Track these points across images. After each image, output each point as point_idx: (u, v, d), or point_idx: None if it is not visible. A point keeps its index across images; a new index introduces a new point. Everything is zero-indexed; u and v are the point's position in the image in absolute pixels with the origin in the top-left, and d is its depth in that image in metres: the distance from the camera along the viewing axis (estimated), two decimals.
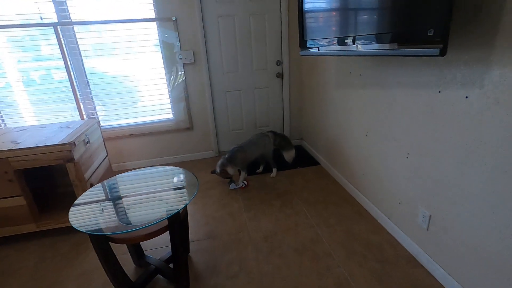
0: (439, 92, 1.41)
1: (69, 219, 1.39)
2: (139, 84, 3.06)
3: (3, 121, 2.97)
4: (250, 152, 2.69)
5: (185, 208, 1.70)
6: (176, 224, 1.43)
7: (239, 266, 1.75)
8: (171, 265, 1.73)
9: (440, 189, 1.49)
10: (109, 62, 2.92)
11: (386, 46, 1.40)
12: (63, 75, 2.83)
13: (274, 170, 2.87)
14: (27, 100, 2.91)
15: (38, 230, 2.10)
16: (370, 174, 2.14)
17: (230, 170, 2.56)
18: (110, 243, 1.44)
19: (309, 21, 2.08)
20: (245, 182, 2.68)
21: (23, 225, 2.06)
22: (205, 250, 1.90)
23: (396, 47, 1.33)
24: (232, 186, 2.66)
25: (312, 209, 2.28)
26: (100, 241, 1.37)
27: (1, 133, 2.24)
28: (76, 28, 2.74)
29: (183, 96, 3.14)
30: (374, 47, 1.48)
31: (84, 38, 2.78)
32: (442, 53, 1.11)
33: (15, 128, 2.38)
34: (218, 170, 2.58)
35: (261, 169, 2.98)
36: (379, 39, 1.44)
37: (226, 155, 2.63)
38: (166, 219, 1.39)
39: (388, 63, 1.78)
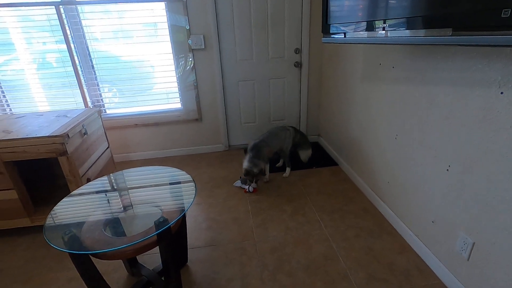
0: (501, 93, 1.10)
1: (44, 231, 1.21)
2: (147, 70, 2.85)
3: (8, 105, 2.87)
4: (272, 145, 2.48)
5: (183, 216, 1.50)
6: (167, 239, 1.23)
7: (241, 283, 1.55)
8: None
9: (490, 214, 1.20)
10: (116, 46, 2.72)
11: (435, 32, 1.10)
12: (67, 59, 2.66)
13: (288, 169, 2.62)
14: (32, 85, 2.78)
15: (33, 225, 1.98)
16: (397, 184, 1.86)
17: (263, 165, 2.34)
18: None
19: (335, 2, 1.77)
20: (252, 188, 2.39)
21: (16, 219, 1.94)
22: (205, 260, 1.71)
23: (450, 34, 1.03)
24: (237, 183, 2.46)
25: (327, 218, 2.03)
26: (80, 257, 1.19)
27: None
28: (80, 8, 2.55)
29: (193, 85, 2.91)
30: (418, 33, 1.18)
31: (89, 19, 2.59)
32: None
33: (13, 114, 2.25)
34: (255, 170, 2.24)
35: (281, 163, 2.81)
36: (426, 23, 1.13)
37: (251, 154, 2.31)
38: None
39: (429, 54, 1.46)
